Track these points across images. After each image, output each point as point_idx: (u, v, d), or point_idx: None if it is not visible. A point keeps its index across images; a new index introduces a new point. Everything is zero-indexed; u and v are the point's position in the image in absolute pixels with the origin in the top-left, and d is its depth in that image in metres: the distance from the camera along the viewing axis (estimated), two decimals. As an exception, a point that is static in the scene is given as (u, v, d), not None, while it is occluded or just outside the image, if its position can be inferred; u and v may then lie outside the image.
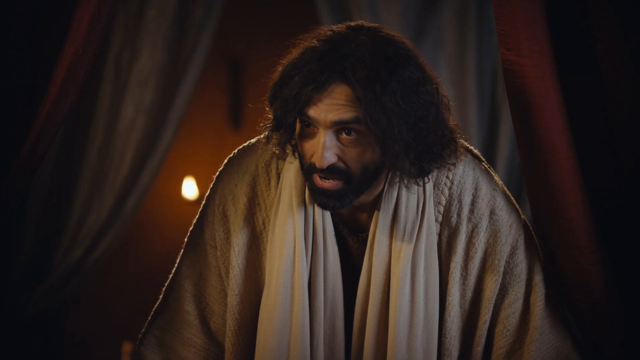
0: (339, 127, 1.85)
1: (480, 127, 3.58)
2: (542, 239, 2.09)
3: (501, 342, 2.04)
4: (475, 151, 2.08)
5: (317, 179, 1.88)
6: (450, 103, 1.94)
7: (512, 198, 2.08)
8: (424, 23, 3.60)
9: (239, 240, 2.06)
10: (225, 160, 2.13)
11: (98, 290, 4.32)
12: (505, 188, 2.07)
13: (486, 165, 2.07)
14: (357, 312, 2.00)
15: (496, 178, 2.07)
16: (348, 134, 1.85)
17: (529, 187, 2.08)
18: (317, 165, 1.86)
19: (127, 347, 4.01)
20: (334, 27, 1.89)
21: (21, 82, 2.06)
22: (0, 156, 2.08)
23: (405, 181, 1.92)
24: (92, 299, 4.35)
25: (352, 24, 1.90)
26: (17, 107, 2.06)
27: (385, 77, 1.80)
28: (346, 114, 1.83)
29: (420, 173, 1.89)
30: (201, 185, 4.72)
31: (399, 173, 1.91)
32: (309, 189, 1.93)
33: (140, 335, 2.18)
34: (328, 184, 1.88)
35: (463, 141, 2.02)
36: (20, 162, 2.08)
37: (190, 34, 3.56)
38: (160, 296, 2.18)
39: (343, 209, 1.99)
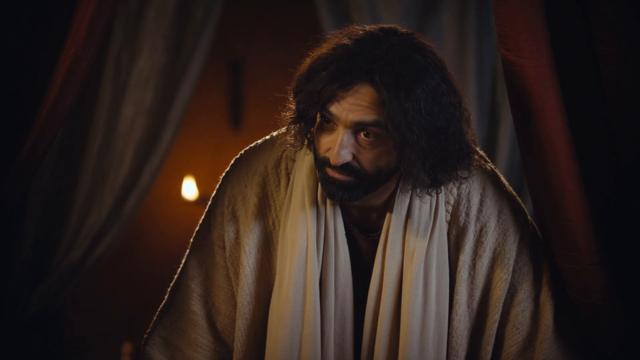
0: (358, 128, 1.86)
1: (480, 127, 3.58)
2: (542, 239, 2.09)
3: (511, 341, 2.05)
4: (481, 152, 2.09)
5: (329, 170, 1.90)
6: (471, 117, 1.95)
7: (519, 198, 2.09)
8: (424, 24, 3.60)
9: (249, 241, 2.06)
10: (232, 162, 2.13)
11: (98, 290, 4.32)
12: (511, 188, 2.08)
13: (492, 166, 2.08)
14: (369, 312, 2.01)
15: (502, 179, 2.08)
16: (366, 135, 1.86)
17: (530, 187, 2.08)
18: (332, 162, 1.87)
19: (127, 348, 4.01)
20: (367, 27, 1.90)
21: (21, 82, 2.06)
22: (0, 156, 2.08)
23: (418, 190, 1.94)
24: (92, 299, 4.35)
25: (386, 26, 1.90)
26: (17, 107, 2.07)
27: (411, 84, 1.81)
28: (368, 116, 1.84)
29: (433, 183, 1.91)
30: (201, 185, 4.72)
31: (411, 181, 1.91)
32: (320, 180, 1.94)
33: (145, 335, 2.17)
34: (339, 175, 1.89)
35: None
36: (20, 162, 2.08)
37: (190, 34, 3.56)
38: (166, 296, 2.18)
39: (354, 210, 2.02)
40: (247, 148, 2.13)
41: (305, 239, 2.00)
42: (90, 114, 3.51)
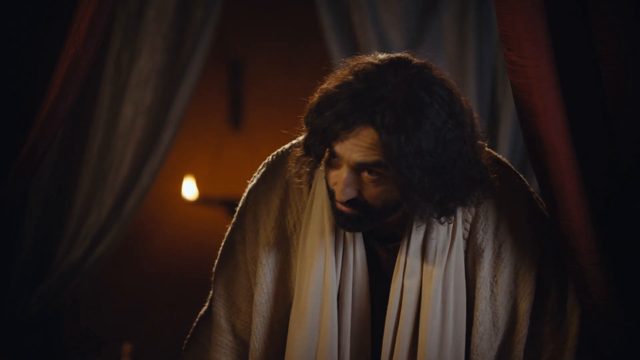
0: (361, 167, 1.86)
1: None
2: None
3: (543, 351, 2.05)
4: (504, 160, 2.08)
5: (337, 203, 1.92)
6: (485, 143, 1.95)
7: (540, 204, 2.07)
8: (424, 24, 3.60)
9: (269, 240, 2.08)
10: (260, 166, 2.15)
11: (98, 290, 4.33)
12: (534, 195, 2.06)
13: (513, 174, 2.06)
14: (388, 332, 2.00)
15: (523, 185, 2.06)
16: (370, 173, 1.87)
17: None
18: (337, 198, 1.89)
19: (127, 348, 4.00)
20: (377, 60, 1.88)
21: (21, 82, 2.06)
22: (0, 156, 2.08)
23: (428, 221, 1.95)
24: (92, 299, 4.35)
25: (396, 57, 1.88)
26: (17, 107, 2.07)
27: (412, 127, 1.80)
28: (369, 157, 1.84)
29: (443, 213, 1.91)
30: (201, 185, 4.72)
31: (418, 215, 1.92)
32: (331, 209, 1.95)
33: (185, 341, 2.24)
34: (346, 208, 1.90)
35: (491, 150, 2.03)
36: (20, 162, 2.08)
37: (190, 34, 3.56)
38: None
39: None
40: (275, 152, 2.14)
41: (324, 252, 2.01)
42: (90, 114, 3.51)
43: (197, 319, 2.23)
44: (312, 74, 1.97)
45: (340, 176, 1.88)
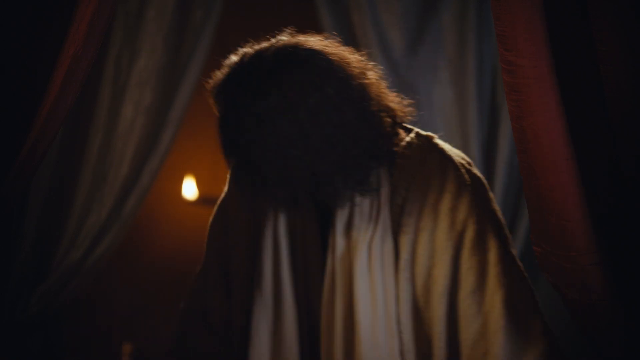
0: None
1: (480, 128, 3.58)
2: (540, 239, 2.09)
3: (465, 334, 2.09)
4: (449, 152, 2.16)
5: None
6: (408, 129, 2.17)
7: (475, 194, 2.13)
8: (424, 24, 3.60)
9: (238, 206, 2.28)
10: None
11: (98, 290, 4.33)
12: (470, 187, 2.13)
13: (451, 165, 2.14)
14: (325, 315, 2.12)
15: (460, 178, 2.13)
16: None
17: (526, 188, 2.08)
18: None
19: (127, 348, 4.00)
20: (252, 52, 2.28)
21: (21, 82, 2.06)
22: (0, 156, 2.08)
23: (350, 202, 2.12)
24: (92, 299, 4.35)
25: (261, 51, 2.26)
26: (17, 107, 2.07)
27: (234, 121, 2.15)
28: None
29: (324, 196, 2.08)
30: (201, 185, 4.72)
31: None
32: None
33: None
34: None
35: (438, 143, 2.16)
36: (20, 162, 2.09)
37: (190, 35, 3.56)
38: None
39: None
40: None
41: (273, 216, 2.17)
42: (90, 114, 3.51)
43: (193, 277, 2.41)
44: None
45: None
